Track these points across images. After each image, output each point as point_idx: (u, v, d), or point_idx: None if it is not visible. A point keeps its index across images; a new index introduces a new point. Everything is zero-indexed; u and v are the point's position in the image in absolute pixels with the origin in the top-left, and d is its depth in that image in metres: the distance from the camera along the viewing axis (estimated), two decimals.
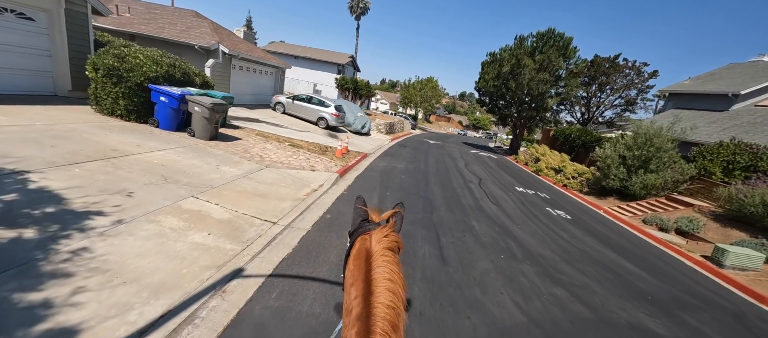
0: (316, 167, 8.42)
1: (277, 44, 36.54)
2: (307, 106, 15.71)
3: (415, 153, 15.78)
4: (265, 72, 17.72)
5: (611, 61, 24.82)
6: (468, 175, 12.55)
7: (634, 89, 25.61)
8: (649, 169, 11.58)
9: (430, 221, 6.37)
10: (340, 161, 9.68)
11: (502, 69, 23.87)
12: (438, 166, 13.22)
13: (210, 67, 12.44)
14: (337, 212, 5.86)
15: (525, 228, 7.20)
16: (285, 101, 16.01)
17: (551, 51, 21.40)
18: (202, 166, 6.27)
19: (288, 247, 4.24)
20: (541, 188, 13.12)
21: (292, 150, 9.39)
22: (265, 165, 7.46)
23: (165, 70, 7.91)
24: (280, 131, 11.75)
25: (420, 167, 12.00)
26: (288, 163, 8.14)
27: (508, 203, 9.29)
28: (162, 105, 7.59)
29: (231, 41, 14.49)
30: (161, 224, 3.97)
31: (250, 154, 7.97)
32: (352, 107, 19.32)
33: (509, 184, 12.52)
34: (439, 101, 59.62)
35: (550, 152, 18.92)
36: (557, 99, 24.34)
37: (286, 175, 7.24)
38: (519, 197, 10.36)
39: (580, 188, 14.05)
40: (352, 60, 37.06)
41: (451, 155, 18.04)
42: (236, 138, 8.99)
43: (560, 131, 20.27)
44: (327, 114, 15.41)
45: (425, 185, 9.33)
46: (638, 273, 6.00)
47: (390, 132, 23.47)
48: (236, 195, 5.42)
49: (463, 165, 15.04)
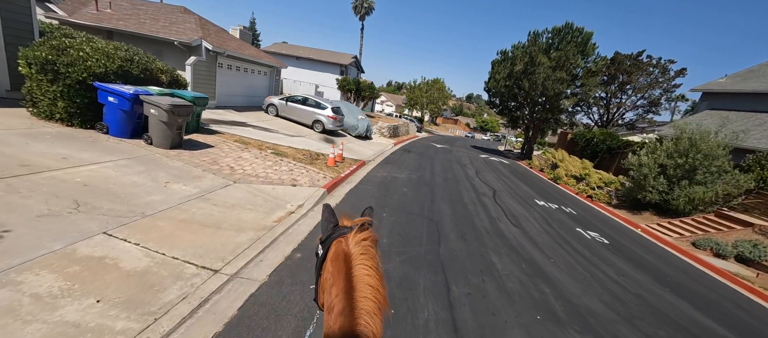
0: (299, 181, 7.00)
1: (279, 45, 35.51)
2: (302, 108, 14.37)
3: (420, 159, 14.29)
4: (258, 72, 16.48)
5: (634, 58, 22.94)
6: (480, 186, 11.00)
7: (658, 89, 23.66)
8: (696, 180, 9.86)
9: (437, 256, 4.87)
10: (331, 172, 8.25)
11: (514, 68, 22.23)
12: (446, 175, 11.70)
13: (191, 65, 11.20)
14: (312, 247, 4.42)
15: (559, 262, 5.64)
16: (278, 103, 14.71)
17: (569, 47, 19.70)
18: (143, 184, 4.90)
19: (218, 321, 2.80)
20: (564, 201, 11.48)
21: (273, 160, 8.01)
22: (234, 180, 6.08)
23: (118, 65, 6.61)
24: (267, 137, 10.40)
25: (425, 177, 10.50)
26: (265, 176, 6.74)
27: (531, 223, 7.72)
28: (111, 107, 6.28)
29: (218, 38, 13.26)
30: (22, 287, 2.59)
31: (219, 166, 6.60)
32: (352, 109, 17.94)
33: (528, 196, 10.91)
34: (446, 103, 57.99)
35: (569, 158, 17.19)
36: (574, 100, 22.57)
37: (258, 193, 5.84)
38: (542, 214, 8.78)
39: (608, 201, 12.35)
40: (356, 61, 35.79)
41: (460, 161, 16.49)
42: (208, 146, 7.65)
43: (580, 135, 18.50)
44: (323, 117, 14.04)
45: (431, 201, 7.83)
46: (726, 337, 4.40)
47: (394, 136, 22.02)
48: (175, 227, 4.03)
49: (474, 173, 13.48)
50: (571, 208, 10.53)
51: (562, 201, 11.39)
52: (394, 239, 5.20)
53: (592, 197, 12.78)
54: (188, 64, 11.17)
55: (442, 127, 67.74)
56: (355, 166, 9.74)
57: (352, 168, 9.28)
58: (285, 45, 35.69)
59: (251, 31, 58.33)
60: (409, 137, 25.32)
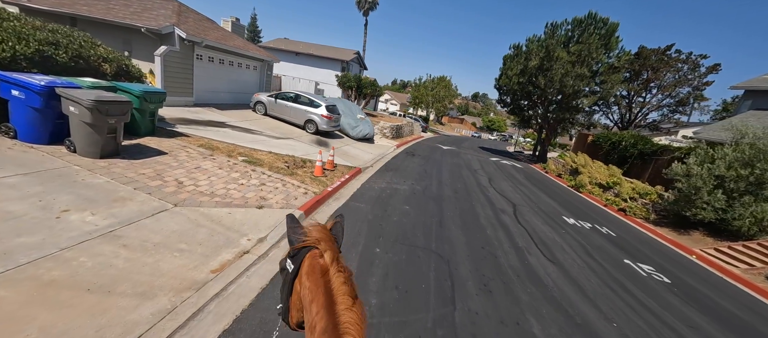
0: (269, 200, 5.42)
1: (278, 41, 34.01)
2: (293, 106, 12.79)
3: (425, 165, 12.64)
4: (246, 66, 14.92)
5: (661, 52, 20.94)
6: (496, 198, 9.32)
7: (687, 86, 21.62)
8: (764, 196, 8.07)
9: (452, 328, 3.24)
10: (315, 185, 6.67)
11: (529, 63, 20.40)
12: (455, 185, 10.04)
13: (161, 55, 9.68)
14: (264, 321, 2.84)
15: (623, 325, 3.97)
16: (266, 101, 13.15)
17: (592, 40, 17.83)
18: (24, 215, 3.36)
19: None
20: (596, 218, 9.75)
21: (243, 170, 6.43)
22: (175, 203, 4.52)
23: (34, 48, 5.09)
24: (246, 139, 8.84)
25: (431, 189, 8.86)
26: (223, 195, 5.17)
27: (567, 254, 6.04)
28: (18, 104, 4.76)
29: (197, 26, 11.73)
30: None
31: (163, 181, 5.05)
32: (351, 107, 16.34)
33: (553, 212, 9.21)
34: (453, 101, 56.09)
35: (592, 163, 15.38)
36: (594, 98, 20.66)
37: (205, 221, 4.27)
38: (576, 239, 7.09)
39: (645, 216, 10.57)
40: (358, 56, 34.15)
41: (470, 166, 14.80)
42: (160, 153, 6.10)
43: (604, 137, 16.62)
44: (316, 116, 12.45)
45: (439, 223, 6.20)
46: None
47: (397, 137, 20.37)
48: (31, 295, 2.47)
49: (487, 181, 11.80)
50: (606, 227, 8.80)
51: (594, 218, 9.65)
52: (389, 296, 3.58)
53: (625, 211, 11.00)
54: (157, 55, 9.65)
55: (447, 126, 65.88)
56: (348, 175, 8.14)
57: (343, 178, 7.68)
58: (284, 41, 34.22)
59: (252, 28, 57.23)
60: (414, 138, 23.66)
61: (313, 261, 0.93)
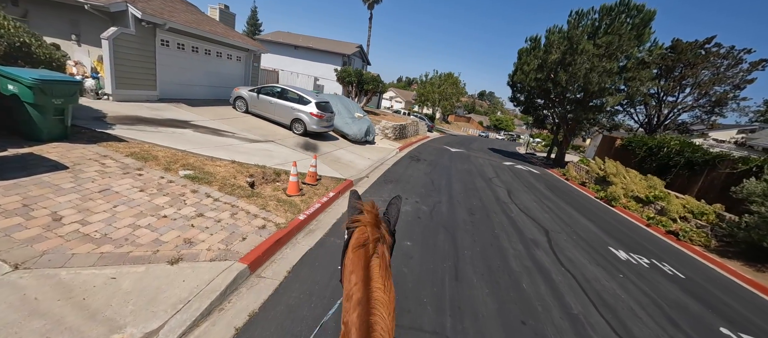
0: (196, 245, 3.57)
1: (275, 33, 32.16)
2: (277, 102, 10.93)
3: (432, 173, 10.72)
4: (227, 56, 13.05)
5: (699, 46, 18.63)
6: (522, 221, 7.39)
7: (726, 84, 19.28)
8: None
9: None
10: (283, 211, 4.80)
11: (549, 57, 18.28)
12: (470, 201, 8.12)
13: (109, 39, 7.88)
14: None
15: None
16: (247, 96, 11.31)
17: (624, 30, 15.66)
18: None
19: None
20: (650, 248, 7.76)
21: (176, 192, 4.57)
22: (18, 261, 2.68)
23: None
24: (206, 144, 7.00)
25: (441, 209, 6.95)
26: (121, 239, 3.33)
27: (643, 323, 4.10)
28: None
29: (162, 6, 9.90)
30: None
31: (28, 216, 3.23)
32: (348, 105, 14.46)
33: (596, 241, 7.24)
34: (460, 99, 53.82)
35: (625, 172, 13.30)
36: (620, 97, 18.47)
37: (50, 301, 2.40)
38: (642, 289, 5.13)
39: (705, 242, 8.53)
40: (361, 51, 32.17)
41: (483, 173, 12.84)
42: (57, 167, 4.28)
43: (638, 142, 14.42)
44: (304, 114, 10.58)
45: (454, 276, 4.30)
46: None
47: (400, 137, 18.46)
48: None
49: (505, 194, 9.84)
50: (667, 262, 6.81)
51: (647, 248, 7.66)
52: None
53: (677, 234, 8.96)
54: (105, 38, 7.84)
55: (454, 125, 63.70)
56: (334, 192, 6.26)
57: (325, 198, 5.81)
58: (282, 33, 32.39)
59: (252, 21, 55.47)
60: (419, 139, 21.71)
61: (359, 237, 1.11)
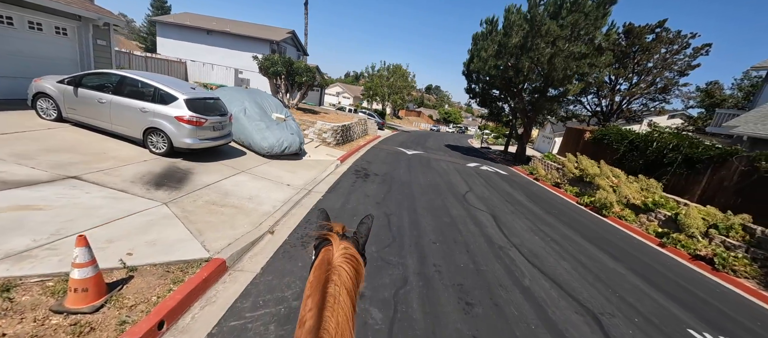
0: None
1: (181, 15, 25.67)
2: (116, 101, 6.36)
3: (385, 201, 7.20)
4: (37, 26, 7.88)
5: (650, 30, 18.00)
6: (550, 298, 4.25)
7: (672, 70, 19.16)
8: None
9: None
10: None
11: (509, 41, 16.00)
12: (454, 261, 4.77)
13: None
14: None
15: None
16: (57, 93, 6.51)
17: (589, 8, 13.89)
18: None
19: None
20: (685, 298, 5.23)
21: None
22: None
23: None
24: None
25: (410, 305, 3.44)
26: None
27: None
28: None
29: None
30: None
31: None
32: (264, 102, 10.23)
33: (668, 319, 4.42)
34: (411, 93, 51.56)
35: (610, 172, 11.34)
36: (582, 84, 17.10)
37: None
38: None
39: (753, 274, 6.38)
40: (293, 37, 27.31)
41: (452, 186, 9.77)
42: None
43: (615, 134, 12.64)
44: (166, 120, 6.22)
45: None
46: None
47: (344, 142, 14.65)
48: None
49: (492, 222, 6.77)
50: None
51: (682, 297, 5.10)
52: None
53: (713, 263, 6.75)
54: None
55: (405, 120, 61.59)
56: (149, 322, 2.29)
57: None
58: (190, 15, 26.02)
59: (158, 3, 46.25)
60: (368, 140, 18.12)
61: (324, 256, 0.98)
